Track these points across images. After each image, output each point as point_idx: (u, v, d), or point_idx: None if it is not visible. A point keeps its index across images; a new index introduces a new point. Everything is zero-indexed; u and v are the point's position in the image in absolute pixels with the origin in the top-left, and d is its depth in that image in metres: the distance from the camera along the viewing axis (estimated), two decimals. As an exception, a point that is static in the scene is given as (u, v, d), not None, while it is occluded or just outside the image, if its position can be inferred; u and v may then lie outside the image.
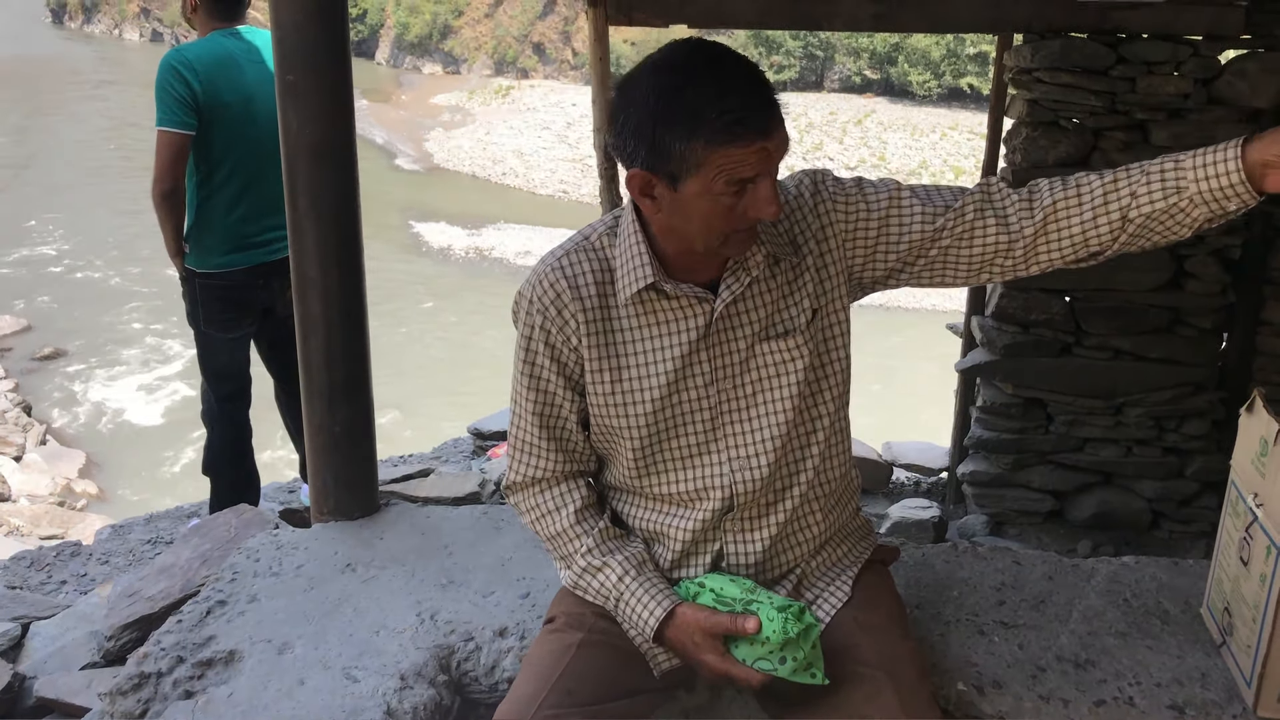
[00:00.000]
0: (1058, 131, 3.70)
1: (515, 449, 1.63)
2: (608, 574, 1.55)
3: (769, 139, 1.34)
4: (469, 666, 1.86)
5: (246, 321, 3.34)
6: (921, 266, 1.55)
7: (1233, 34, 3.56)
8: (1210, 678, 1.71)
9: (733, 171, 1.34)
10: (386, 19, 41.04)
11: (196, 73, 3.07)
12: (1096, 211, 1.45)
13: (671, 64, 1.36)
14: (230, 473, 3.47)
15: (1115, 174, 1.45)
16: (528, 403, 1.59)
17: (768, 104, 1.34)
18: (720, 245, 1.42)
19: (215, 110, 3.10)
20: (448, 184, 25.79)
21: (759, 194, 1.37)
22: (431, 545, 2.22)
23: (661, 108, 1.34)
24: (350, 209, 2.26)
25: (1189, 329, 3.89)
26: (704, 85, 1.32)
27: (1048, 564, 2.07)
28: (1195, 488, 4.02)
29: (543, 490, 1.62)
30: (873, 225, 1.54)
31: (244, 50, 3.19)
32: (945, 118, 28.21)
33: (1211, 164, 1.37)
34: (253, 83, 3.16)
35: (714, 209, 1.37)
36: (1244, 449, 1.72)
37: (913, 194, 1.54)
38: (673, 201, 1.40)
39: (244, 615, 1.97)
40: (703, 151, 1.33)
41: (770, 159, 1.36)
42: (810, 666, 1.41)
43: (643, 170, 1.39)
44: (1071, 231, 1.47)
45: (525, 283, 1.57)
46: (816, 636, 1.42)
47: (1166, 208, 1.41)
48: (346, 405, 2.33)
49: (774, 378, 1.54)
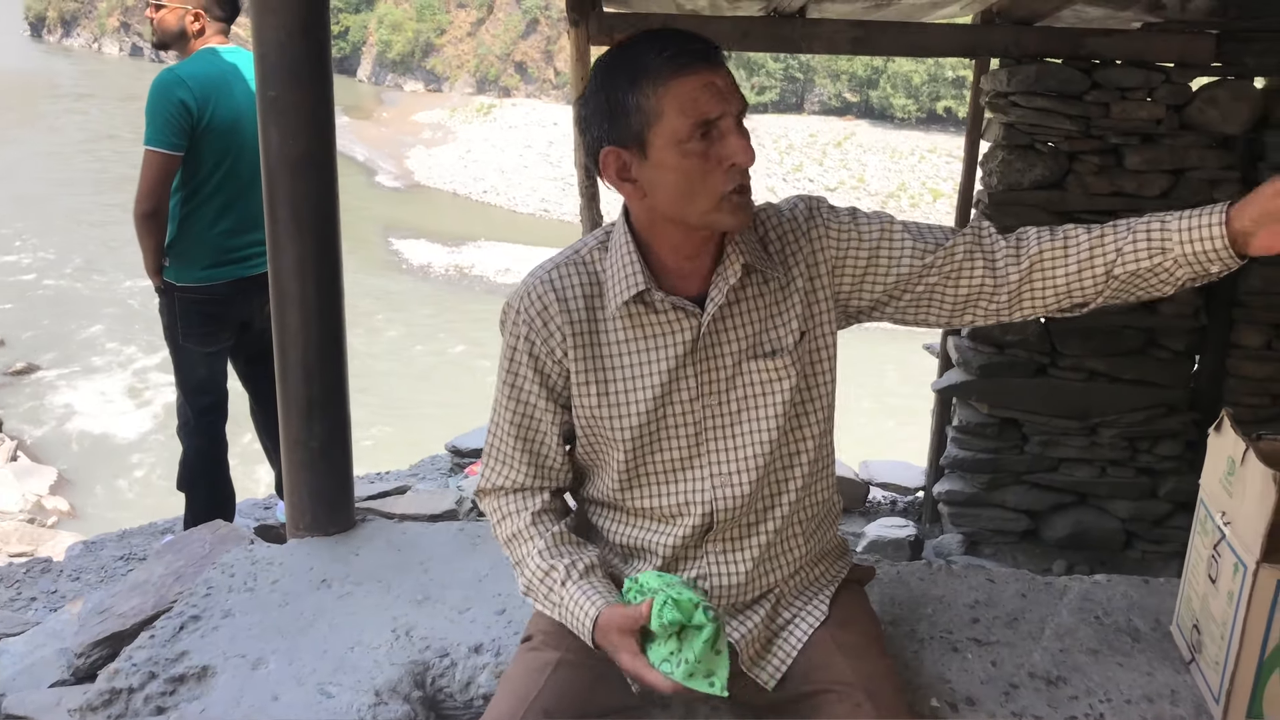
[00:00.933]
0: (1033, 155, 3.75)
1: (490, 456, 1.63)
2: (554, 577, 1.52)
3: (715, 73, 1.37)
4: (444, 683, 1.85)
5: (225, 335, 3.33)
6: (907, 302, 1.57)
7: (1203, 62, 3.62)
8: (1179, 694, 1.73)
9: (688, 108, 1.35)
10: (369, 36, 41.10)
11: (193, 92, 3.07)
12: (1082, 265, 1.47)
13: (612, 49, 1.43)
14: (206, 488, 3.45)
15: (1103, 229, 1.47)
16: (507, 412, 1.60)
17: (706, 44, 1.38)
18: (714, 210, 1.42)
19: (208, 129, 3.10)
20: (428, 201, 25.81)
21: (726, 138, 1.38)
22: (407, 561, 2.21)
23: (609, 79, 1.39)
24: (330, 224, 2.27)
25: (1162, 351, 3.93)
26: (643, 43, 1.39)
27: (1021, 582, 2.08)
28: (1168, 508, 4.06)
29: (509, 494, 1.62)
30: (863, 254, 1.55)
31: (230, 69, 3.19)
32: (924, 141, 28.48)
33: (1196, 227, 1.39)
34: (241, 101, 3.16)
35: (686, 162, 1.38)
36: (1212, 468, 1.75)
37: (904, 229, 1.56)
38: (650, 172, 1.41)
39: (218, 630, 1.96)
40: (653, 96, 1.36)
41: (724, 96, 1.37)
42: (710, 675, 1.34)
43: (612, 147, 1.41)
44: (1056, 283, 1.49)
45: (513, 294, 1.58)
46: (710, 639, 1.34)
47: (1151, 266, 1.43)
48: (323, 420, 2.32)
49: (760, 396, 1.55)
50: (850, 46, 3.72)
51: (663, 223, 1.47)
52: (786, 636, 1.62)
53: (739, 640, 1.59)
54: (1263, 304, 3.81)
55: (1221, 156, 3.66)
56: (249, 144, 3.12)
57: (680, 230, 1.46)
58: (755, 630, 1.60)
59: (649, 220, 1.48)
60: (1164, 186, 3.70)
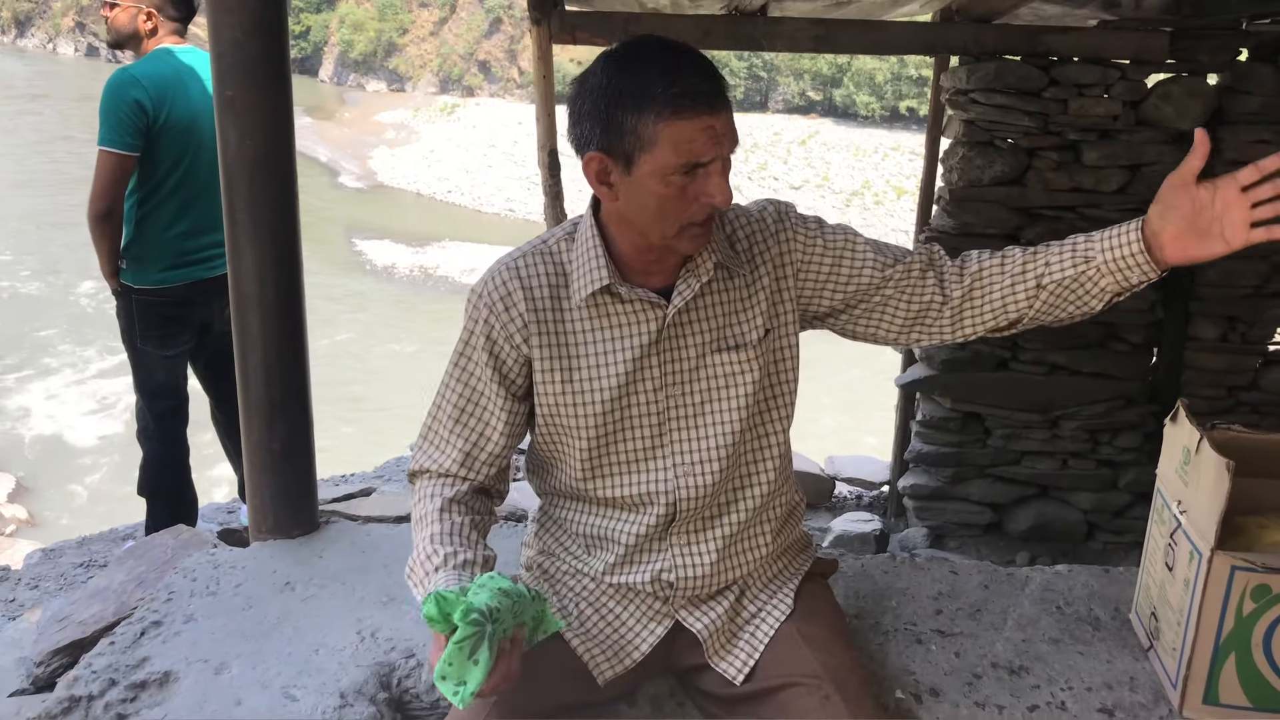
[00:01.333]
0: (993, 151, 3.78)
1: (424, 438, 1.62)
2: (431, 563, 1.46)
3: (716, 117, 1.38)
4: (410, 684, 1.84)
5: (184, 338, 3.29)
6: (861, 312, 1.62)
7: (1157, 58, 3.67)
8: (1138, 681, 1.75)
9: (683, 149, 1.37)
10: (330, 36, 40.77)
11: (148, 92, 3.03)
12: (1015, 279, 1.55)
13: (626, 52, 1.41)
14: (167, 493, 3.41)
15: (1038, 246, 1.56)
16: (451, 394, 1.59)
17: (716, 85, 1.39)
18: (675, 236, 1.44)
19: (164, 129, 3.06)
20: (392, 202, 25.64)
21: (710, 179, 1.40)
22: (372, 563, 2.20)
23: (614, 88, 1.39)
24: (290, 225, 2.25)
25: (1121, 344, 3.99)
26: (655, 66, 1.37)
27: (983, 573, 2.10)
28: (1128, 499, 4.12)
29: (434, 478, 1.59)
30: (827, 261, 1.60)
31: (186, 69, 3.16)
32: (887, 139, 28.69)
33: (1116, 234, 1.49)
34: (198, 101, 3.13)
35: (666, 192, 1.39)
36: (1169, 458, 1.77)
37: (867, 242, 1.62)
38: (629, 186, 1.42)
39: (180, 636, 1.94)
40: (653, 126, 1.36)
41: (719, 141, 1.39)
42: (460, 682, 1.27)
43: (598, 152, 1.42)
44: (992, 298, 1.57)
45: (479, 280, 1.58)
46: (462, 643, 1.25)
47: (1075, 275, 1.51)
48: (285, 423, 2.30)
49: (723, 389, 1.57)
50: (812, 44, 3.74)
51: (628, 226, 1.49)
52: (753, 630, 1.63)
53: (702, 632, 1.60)
54: (1218, 297, 3.88)
55: (1177, 152, 3.71)
56: (206, 144, 3.09)
57: (642, 239, 1.49)
58: (720, 623, 1.61)
59: (617, 220, 1.50)
60: (1121, 182, 3.75)
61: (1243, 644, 1.59)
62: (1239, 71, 3.67)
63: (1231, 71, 3.70)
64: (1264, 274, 3.84)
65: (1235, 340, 3.94)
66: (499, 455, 1.61)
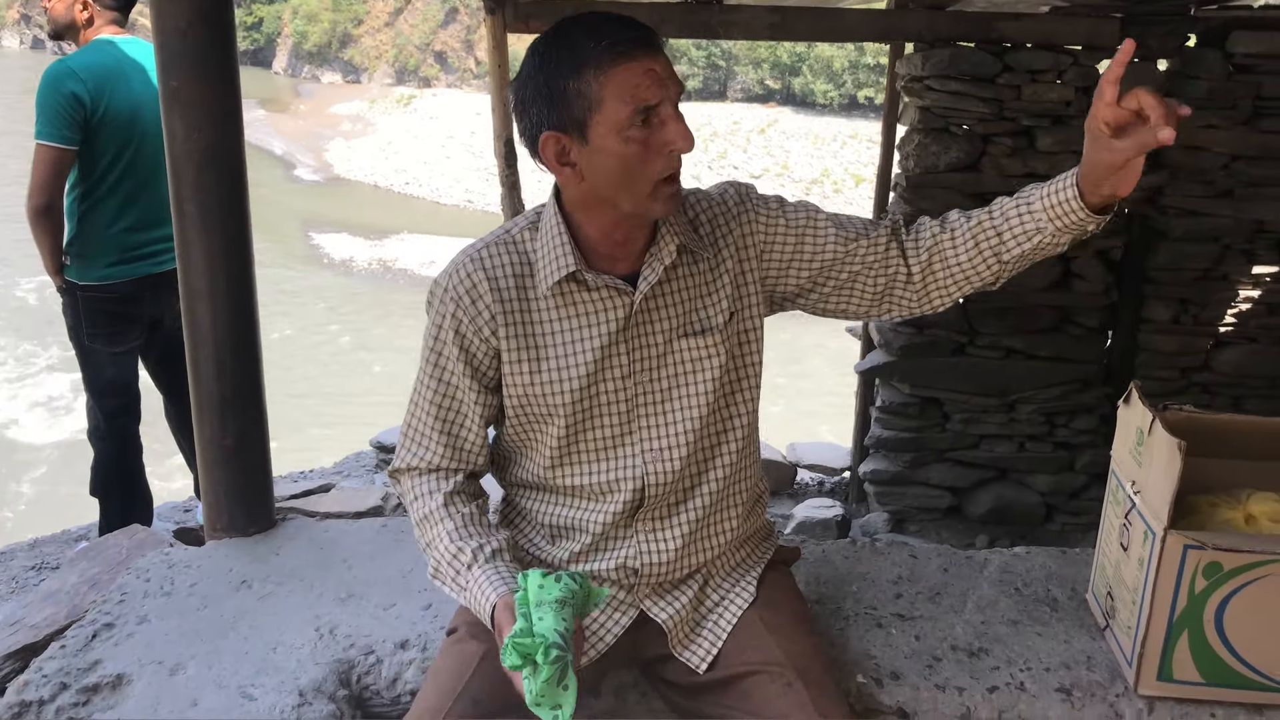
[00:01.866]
0: (948, 138, 3.81)
1: (407, 435, 1.61)
2: (461, 560, 1.50)
3: (654, 59, 1.38)
4: (370, 680, 1.82)
5: (133, 334, 3.23)
6: (830, 289, 1.61)
7: (1108, 44, 3.71)
8: (1095, 660, 1.77)
9: (629, 94, 1.36)
10: (284, 27, 40.23)
11: (85, 84, 2.96)
12: (971, 255, 1.54)
13: (550, 32, 1.42)
14: (120, 492, 3.35)
15: (979, 216, 1.54)
16: (429, 391, 1.58)
17: (645, 32, 1.39)
18: (650, 198, 1.43)
19: (103, 121, 3.00)
20: (349, 194, 25.37)
21: (666, 125, 1.39)
22: (330, 559, 2.17)
23: (549, 61, 1.39)
24: (239, 218, 2.21)
25: (1076, 327, 4.04)
26: (580, 29, 1.38)
27: (943, 557, 2.12)
28: (1085, 480, 4.18)
29: (423, 475, 1.60)
30: (790, 240, 1.59)
31: (127, 60, 3.09)
32: (846, 127, 28.80)
33: (1057, 204, 1.46)
34: (139, 92, 3.06)
35: (628, 150, 1.38)
36: (1122, 439, 1.79)
37: (829, 218, 1.60)
38: (590, 157, 1.41)
39: (133, 637, 1.90)
40: (595, 83, 1.36)
41: (663, 83, 1.38)
42: (556, 706, 1.30)
43: (551, 131, 1.41)
44: (952, 272, 1.56)
45: (442, 273, 1.57)
46: (549, 677, 1.29)
47: (1035, 246, 1.50)
48: (238, 418, 2.27)
49: (690, 374, 1.56)
50: (768, 32, 3.75)
51: (597, 205, 1.47)
52: (715, 619, 1.63)
53: (667, 621, 1.60)
54: (1171, 280, 3.94)
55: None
56: (149, 137, 3.03)
57: (612, 214, 1.47)
58: (683, 612, 1.61)
59: (583, 202, 1.48)
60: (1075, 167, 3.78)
61: (1195, 621, 1.61)
62: (1188, 57, 3.73)
63: (1180, 57, 3.75)
64: (1214, 257, 3.90)
65: (1187, 322, 4.00)
66: (482, 443, 1.62)
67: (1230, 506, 1.74)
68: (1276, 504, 1.73)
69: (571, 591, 1.37)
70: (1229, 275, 3.94)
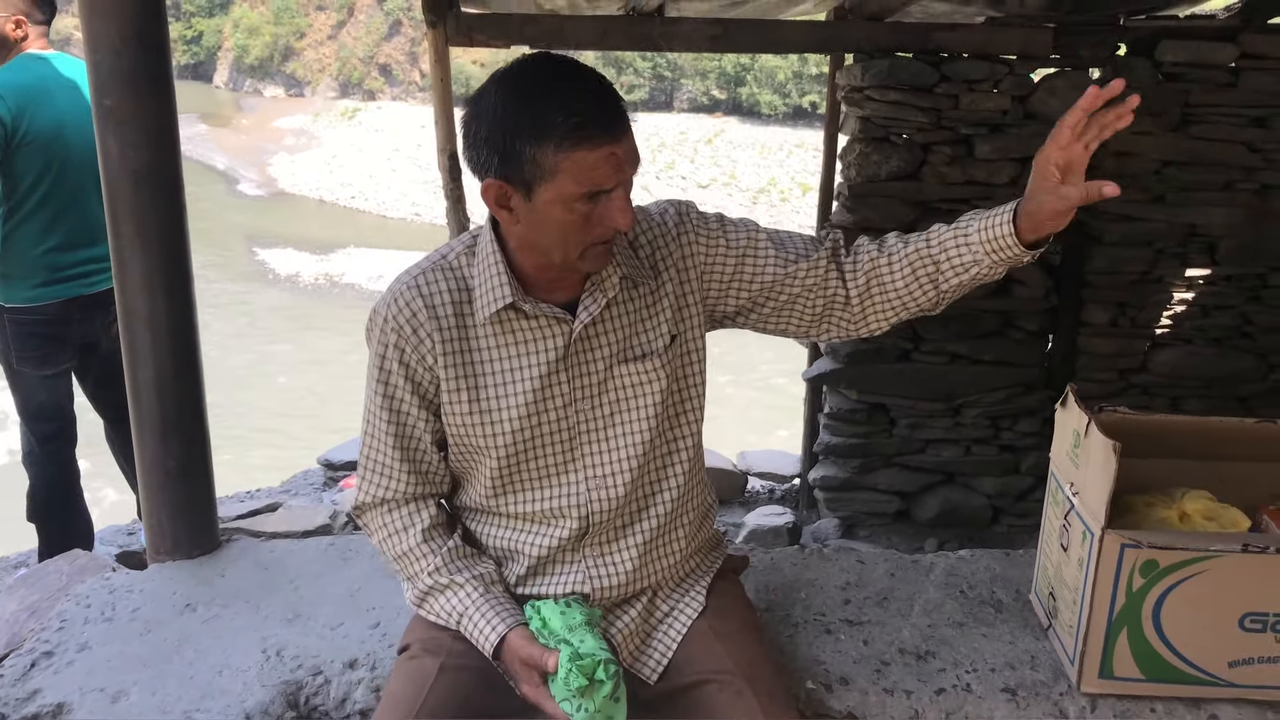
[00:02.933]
0: (889, 147, 3.86)
1: (367, 469, 1.60)
2: (454, 592, 1.54)
3: (617, 144, 1.35)
4: (318, 701, 1.80)
5: (63, 357, 3.16)
6: (770, 310, 1.62)
7: (1042, 54, 3.79)
8: (1039, 660, 1.80)
9: (584, 177, 1.34)
10: (224, 41, 39.78)
11: (6, 103, 2.90)
12: (909, 282, 1.56)
13: (519, 74, 1.37)
14: (58, 518, 3.27)
15: (917, 246, 1.55)
16: (382, 422, 1.57)
17: (615, 110, 1.36)
18: (578, 258, 1.43)
19: (25, 140, 2.93)
20: (294, 209, 25.11)
21: (613, 204, 1.38)
22: (276, 580, 2.14)
23: (510, 116, 1.35)
24: (177, 236, 2.17)
25: (1018, 332, 4.11)
26: (551, 93, 1.33)
27: (890, 561, 2.14)
28: (1030, 482, 4.25)
29: (392, 510, 1.60)
30: (730, 261, 1.59)
31: (54, 76, 3.03)
32: (792, 136, 29.10)
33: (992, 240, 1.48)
34: (65, 110, 3.00)
35: (569, 218, 1.37)
36: (1060, 441, 1.83)
37: (769, 238, 1.60)
38: (529, 212, 1.39)
39: (73, 665, 1.86)
40: (553, 157, 1.33)
41: (621, 167, 1.37)
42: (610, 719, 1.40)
43: (496, 180, 1.39)
44: (889, 298, 1.58)
45: (380, 301, 1.55)
46: (610, 691, 1.39)
47: (971, 278, 1.53)
48: (180, 439, 2.23)
49: (631, 400, 1.56)
50: (709, 44, 3.77)
51: (530, 248, 1.47)
52: (665, 629, 1.63)
53: (616, 635, 1.60)
54: (1108, 283, 4.02)
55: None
56: (75, 155, 2.99)
57: (545, 258, 1.47)
58: (633, 624, 1.61)
59: (518, 243, 1.48)
60: (1013, 174, 3.86)
61: (1134, 619, 1.64)
62: (1118, 66, 3.82)
63: (1111, 65, 3.84)
64: (1149, 260, 3.99)
65: (1125, 325, 4.09)
66: (443, 466, 1.62)
67: (1165, 505, 1.78)
68: (1209, 502, 1.78)
69: (589, 615, 1.45)
70: (1163, 278, 4.04)
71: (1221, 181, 3.89)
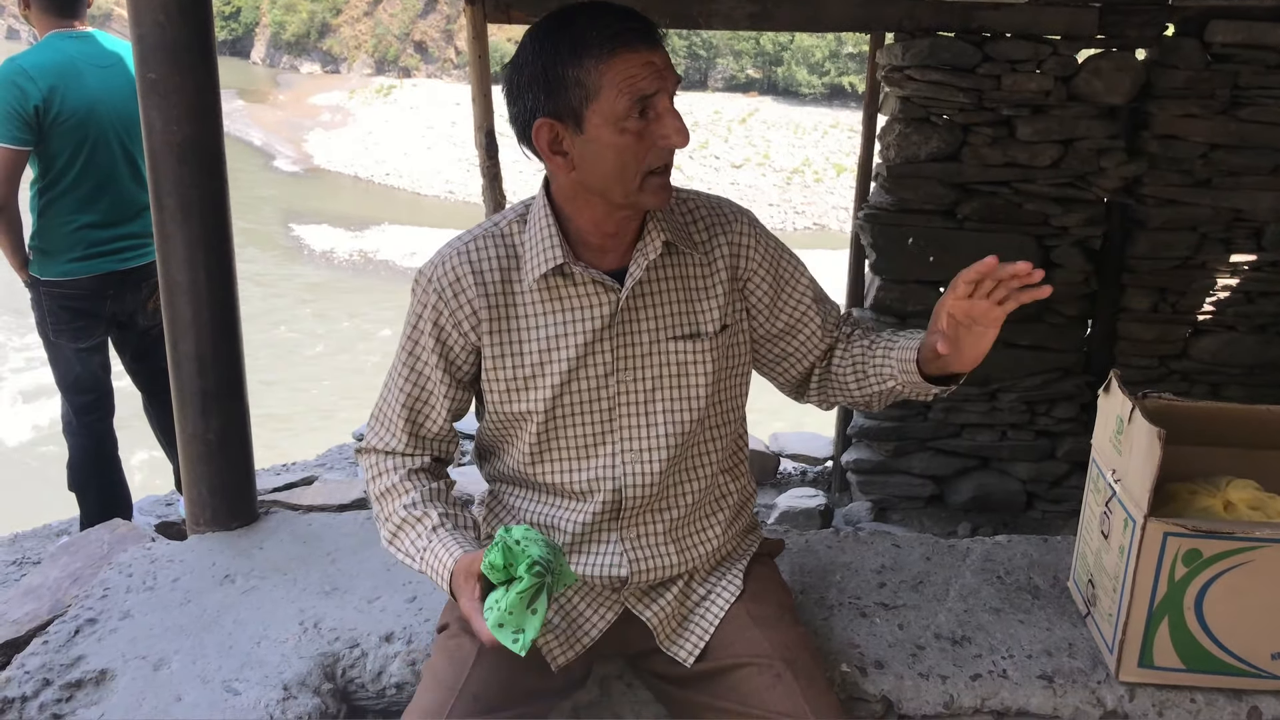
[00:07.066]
0: (929, 127, 3.82)
1: (375, 417, 1.63)
2: (424, 525, 1.50)
3: (654, 52, 1.38)
4: (355, 673, 1.82)
5: (97, 331, 3.21)
6: (765, 350, 1.67)
7: (1087, 34, 3.73)
8: (1077, 647, 1.79)
9: (627, 85, 1.36)
10: (262, 17, 39.92)
11: (36, 82, 2.94)
12: (853, 375, 1.64)
13: (552, 16, 1.41)
14: (97, 488, 3.33)
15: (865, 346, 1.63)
16: (400, 379, 1.59)
17: (646, 24, 1.40)
18: (640, 189, 1.43)
19: (57, 120, 2.98)
20: (329, 186, 25.20)
21: (663, 118, 1.39)
22: (314, 553, 2.17)
23: (549, 47, 1.38)
24: (219, 209, 2.19)
25: (1056, 316, 4.06)
26: (583, 17, 1.38)
27: (925, 545, 2.13)
28: (1066, 468, 4.20)
29: (387, 455, 1.61)
30: (771, 285, 1.62)
31: (86, 54, 3.06)
32: (827, 116, 28.82)
33: (903, 362, 1.54)
34: (96, 88, 3.04)
35: (622, 140, 1.38)
36: (1103, 428, 1.81)
37: (815, 298, 1.65)
38: (583, 147, 1.40)
39: (116, 633, 1.89)
40: (595, 71, 1.35)
41: (661, 75, 1.38)
42: (518, 630, 1.30)
43: (546, 118, 1.40)
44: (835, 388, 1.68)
45: (428, 262, 1.56)
46: (524, 592, 1.29)
47: (888, 391, 1.60)
48: (220, 412, 2.26)
49: (676, 377, 1.56)
50: (748, 22, 3.75)
51: (586, 196, 1.46)
52: (702, 613, 1.63)
53: (652, 619, 1.60)
54: (1149, 269, 3.96)
55: (1107, 126, 3.78)
56: (108, 133, 3.03)
57: (603, 206, 1.47)
58: (670, 607, 1.61)
59: (573, 193, 1.48)
60: (1055, 156, 3.81)
61: (1175, 608, 1.62)
62: (1166, 46, 3.74)
63: (1159, 46, 3.77)
64: (1192, 245, 3.93)
65: (1166, 311, 4.03)
66: (445, 436, 1.62)
67: (1209, 494, 1.76)
68: (1255, 491, 1.75)
69: (555, 550, 1.36)
70: (1207, 264, 3.97)
71: (1270, 166, 3.81)
